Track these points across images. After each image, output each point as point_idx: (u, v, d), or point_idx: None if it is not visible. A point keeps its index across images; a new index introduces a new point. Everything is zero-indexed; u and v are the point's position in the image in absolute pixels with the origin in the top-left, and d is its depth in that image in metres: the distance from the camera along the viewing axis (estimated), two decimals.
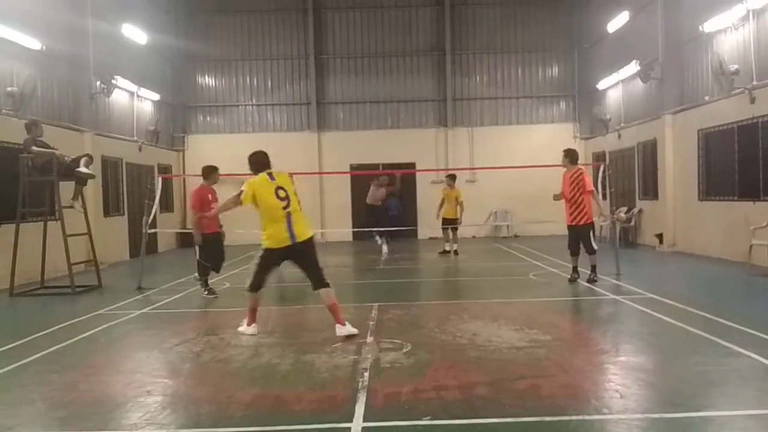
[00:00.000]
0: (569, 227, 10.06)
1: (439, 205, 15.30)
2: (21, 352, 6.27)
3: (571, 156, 10.06)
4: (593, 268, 9.93)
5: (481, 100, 21.69)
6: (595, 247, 9.86)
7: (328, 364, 5.59)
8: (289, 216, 6.57)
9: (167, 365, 5.94)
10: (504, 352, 5.91)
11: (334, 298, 6.65)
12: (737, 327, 6.46)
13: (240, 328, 6.87)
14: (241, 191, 6.61)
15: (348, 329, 6.51)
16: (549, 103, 21.76)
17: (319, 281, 6.63)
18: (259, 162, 6.83)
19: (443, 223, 15.25)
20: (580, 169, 9.96)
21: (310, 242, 6.70)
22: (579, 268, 10.10)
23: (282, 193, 6.62)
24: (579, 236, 9.91)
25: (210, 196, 9.50)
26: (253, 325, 6.86)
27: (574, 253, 10.06)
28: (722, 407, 4.35)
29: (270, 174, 6.74)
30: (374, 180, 15.55)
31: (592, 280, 9.81)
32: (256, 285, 6.71)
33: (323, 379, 5.17)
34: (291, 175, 7.12)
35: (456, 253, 14.98)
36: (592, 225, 9.93)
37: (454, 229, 15.24)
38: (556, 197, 10.16)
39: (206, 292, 9.61)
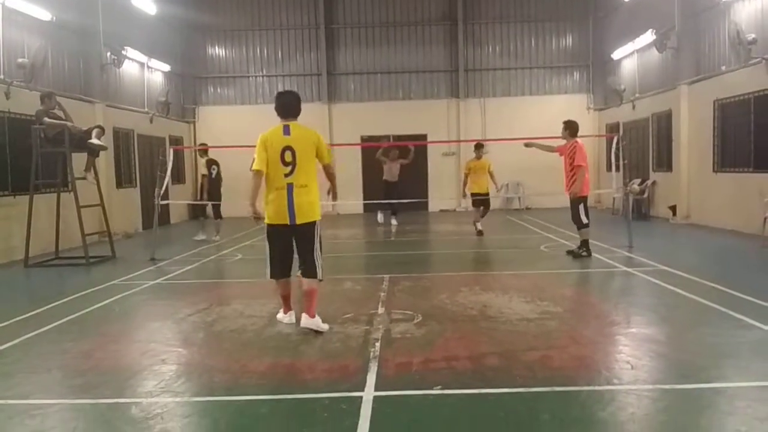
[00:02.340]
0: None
1: (463, 180, 13.84)
2: (37, 322, 6.36)
3: (570, 128, 9.88)
4: (582, 243, 9.75)
5: (493, 70, 21.42)
6: (584, 221, 9.64)
7: (339, 334, 5.63)
8: (290, 188, 5.50)
9: (181, 335, 6.01)
10: (515, 323, 5.92)
11: (315, 289, 5.72)
12: (750, 299, 6.43)
13: (278, 316, 6.21)
14: (253, 160, 5.63)
15: (316, 323, 5.65)
16: (562, 73, 21.46)
17: (308, 269, 5.74)
18: (283, 106, 5.72)
19: (475, 199, 13.55)
20: (575, 142, 9.73)
21: (311, 227, 5.65)
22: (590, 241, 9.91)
23: (288, 157, 5.50)
24: (570, 208, 9.87)
25: None
26: (290, 313, 6.05)
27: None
28: (734, 379, 4.35)
29: (286, 127, 5.63)
30: (384, 156, 15.29)
31: (575, 254, 9.75)
32: (273, 271, 5.83)
33: (335, 348, 5.22)
34: (320, 138, 5.75)
35: (480, 233, 13.17)
36: (582, 199, 9.64)
37: (487, 205, 13.74)
38: (528, 145, 10.80)
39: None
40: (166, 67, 18.95)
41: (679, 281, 7.59)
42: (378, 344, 5.25)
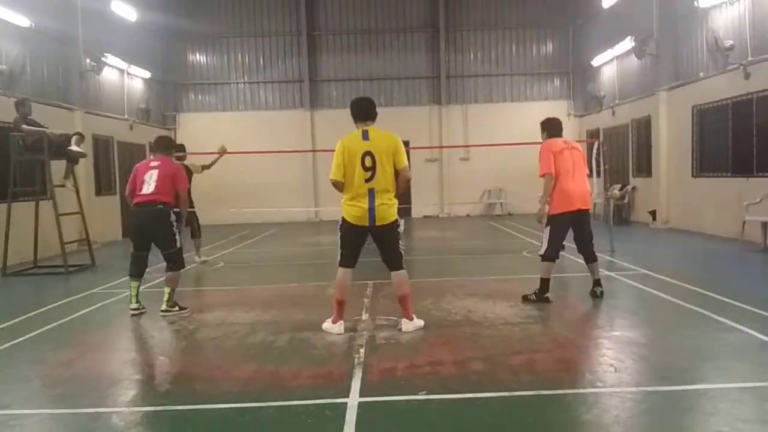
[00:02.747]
0: None
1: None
2: (15, 331, 6.25)
3: (542, 127, 7.37)
4: (540, 283, 6.92)
5: (475, 77, 21.57)
6: (541, 251, 6.96)
7: (323, 341, 5.60)
8: (371, 194, 5.53)
9: (162, 343, 5.94)
10: (499, 327, 5.93)
11: (408, 293, 5.83)
12: (731, 302, 6.50)
13: (325, 326, 5.88)
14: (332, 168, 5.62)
15: (416, 324, 5.82)
16: (543, 80, 21.66)
17: (392, 263, 5.82)
18: (360, 111, 5.72)
19: None
20: (543, 143, 7.12)
21: (392, 226, 5.75)
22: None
23: (369, 162, 5.50)
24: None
25: None
26: (340, 323, 5.81)
27: None
28: (716, 380, 4.39)
29: (365, 132, 5.62)
30: None
31: (528, 299, 6.96)
32: (342, 260, 5.82)
33: (319, 355, 5.18)
34: (398, 143, 5.63)
35: None
36: (548, 219, 6.90)
37: None
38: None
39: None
40: (147, 74, 18.81)
41: (661, 285, 7.66)
42: (362, 350, 5.22)
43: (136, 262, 7.00)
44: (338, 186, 5.70)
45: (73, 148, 10.45)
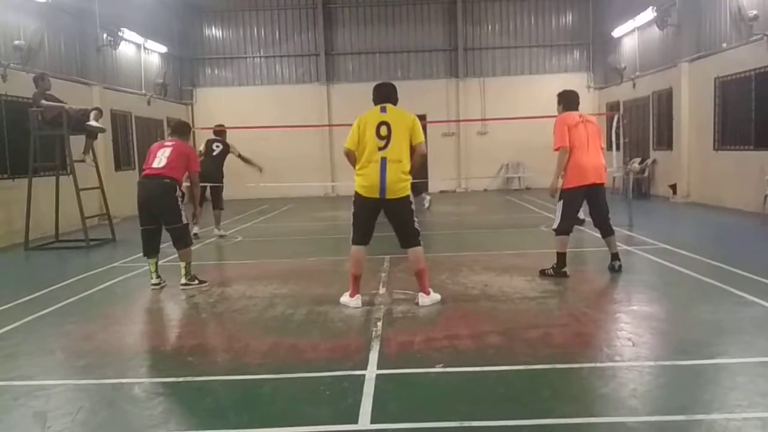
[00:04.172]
0: None
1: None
2: (38, 304, 6.36)
3: (558, 99, 7.32)
4: (557, 258, 6.90)
5: (492, 49, 21.27)
6: (554, 226, 6.94)
7: (341, 314, 5.64)
8: (383, 162, 5.53)
9: (183, 316, 6.02)
10: (516, 302, 5.93)
11: (424, 268, 5.83)
12: (751, 276, 6.43)
13: (342, 299, 5.95)
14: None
15: (433, 298, 5.84)
16: (562, 52, 21.31)
17: (406, 240, 5.80)
18: (380, 95, 5.87)
19: None
20: (558, 117, 7.07)
21: (404, 202, 5.67)
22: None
23: (384, 131, 5.57)
24: None
25: None
26: (357, 296, 5.85)
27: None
28: (735, 355, 4.36)
29: (383, 107, 5.75)
30: None
31: (546, 274, 6.94)
32: (354, 238, 5.84)
33: (337, 328, 5.23)
34: (415, 121, 5.69)
35: None
36: (561, 193, 6.83)
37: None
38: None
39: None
40: (163, 49, 18.80)
41: (680, 259, 7.59)
42: (380, 324, 5.26)
43: (146, 239, 6.98)
44: (351, 156, 5.75)
45: (92, 123, 10.50)
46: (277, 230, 12.46)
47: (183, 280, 6.97)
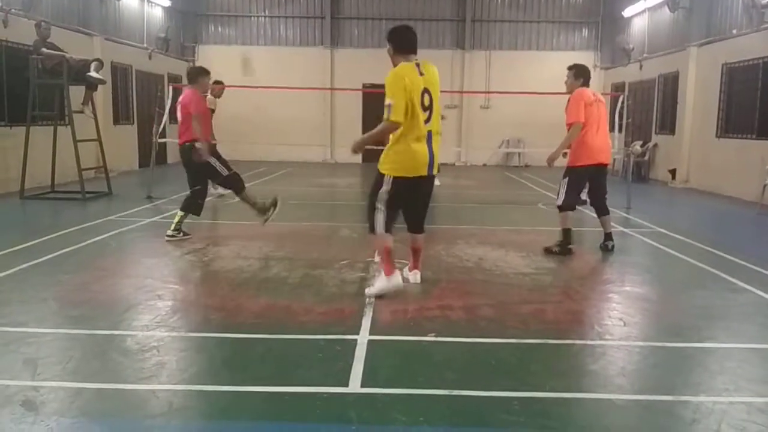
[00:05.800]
0: None
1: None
2: (33, 253, 6.36)
3: (574, 71, 6.99)
4: (562, 234, 6.90)
5: (500, 22, 20.99)
6: (558, 202, 6.90)
7: (336, 279, 5.65)
8: (429, 136, 4.85)
9: (177, 272, 6.02)
10: (510, 276, 5.95)
11: (422, 243, 5.53)
12: (744, 264, 6.46)
13: (378, 285, 5.09)
14: (388, 106, 4.67)
15: (414, 276, 5.49)
16: (571, 29, 21.05)
17: (421, 223, 5.38)
18: (410, 41, 5.03)
19: None
20: (575, 91, 6.82)
21: (433, 178, 5.18)
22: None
23: (426, 100, 4.78)
24: None
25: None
26: (395, 273, 5.04)
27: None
28: (724, 340, 4.39)
29: (418, 65, 4.87)
30: None
31: (552, 252, 6.87)
32: (388, 225, 5.03)
33: (331, 293, 5.24)
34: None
35: None
36: (569, 170, 6.85)
37: None
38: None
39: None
40: (167, 2, 18.48)
41: (675, 243, 7.61)
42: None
43: (190, 197, 7.33)
44: (394, 129, 4.78)
45: (93, 74, 10.38)
46: (276, 193, 12.39)
47: (169, 231, 7.16)
